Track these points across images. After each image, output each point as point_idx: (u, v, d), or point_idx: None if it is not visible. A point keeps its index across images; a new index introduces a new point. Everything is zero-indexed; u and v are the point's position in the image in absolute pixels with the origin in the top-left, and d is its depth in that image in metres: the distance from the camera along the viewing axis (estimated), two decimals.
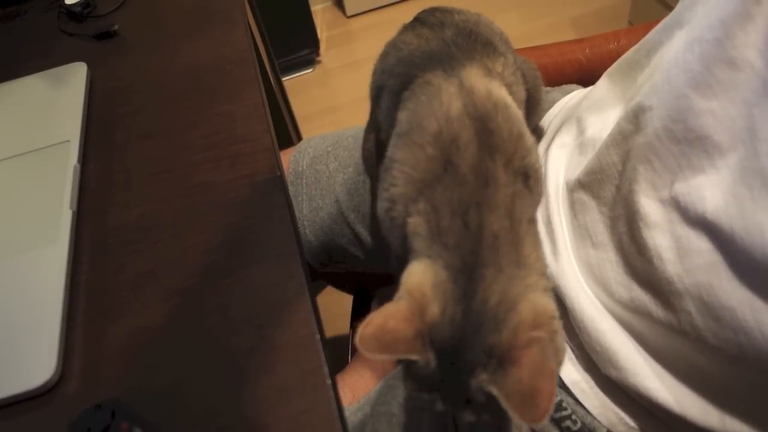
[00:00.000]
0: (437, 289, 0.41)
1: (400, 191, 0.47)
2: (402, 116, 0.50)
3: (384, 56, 0.60)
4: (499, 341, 0.39)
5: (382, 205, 0.50)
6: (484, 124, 0.46)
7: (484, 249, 0.42)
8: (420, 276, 0.42)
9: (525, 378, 0.37)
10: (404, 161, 0.48)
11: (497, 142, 0.46)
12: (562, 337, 0.43)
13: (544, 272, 0.45)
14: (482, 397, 0.40)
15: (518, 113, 0.49)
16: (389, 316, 0.39)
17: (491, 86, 0.49)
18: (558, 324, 0.42)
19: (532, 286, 0.42)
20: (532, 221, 0.46)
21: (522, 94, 0.56)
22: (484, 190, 0.44)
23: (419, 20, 0.59)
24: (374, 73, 0.62)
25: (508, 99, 0.50)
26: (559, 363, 0.44)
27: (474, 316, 0.40)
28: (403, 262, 0.45)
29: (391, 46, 0.59)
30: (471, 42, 0.53)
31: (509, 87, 0.52)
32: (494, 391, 0.39)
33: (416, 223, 0.45)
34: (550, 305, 0.42)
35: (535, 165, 0.48)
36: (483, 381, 0.39)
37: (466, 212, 0.43)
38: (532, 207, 0.46)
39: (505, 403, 0.38)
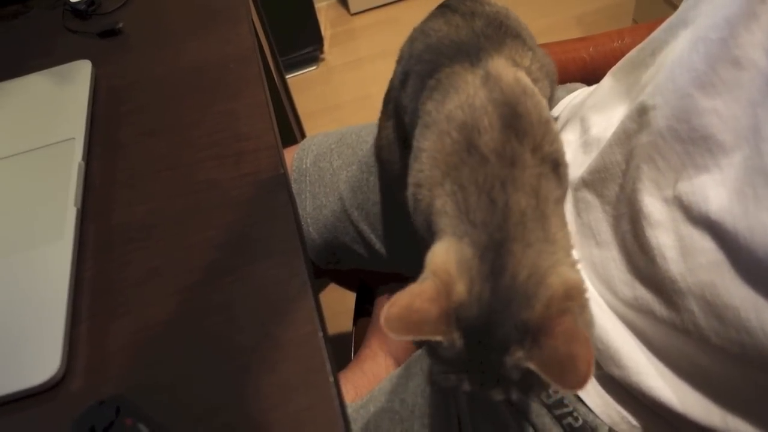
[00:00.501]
0: (463, 267, 0.41)
1: (426, 175, 0.47)
2: (429, 107, 0.50)
3: (412, 41, 0.59)
4: (532, 316, 0.39)
5: (409, 192, 0.50)
6: (512, 108, 0.46)
7: (512, 225, 0.41)
8: (444, 255, 0.42)
9: (561, 347, 0.37)
10: (430, 149, 0.48)
11: (526, 126, 0.45)
12: (590, 310, 0.42)
13: (571, 249, 0.45)
14: (517, 374, 0.39)
15: (544, 102, 0.49)
16: (415, 296, 0.39)
17: (519, 74, 0.50)
18: (587, 297, 0.41)
19: (560, 260, 0.42)
20: (559, 202, 0.45)
21: (547, 90, 0.56)
22: (509, 169, 0.44)
23: (449, 7, 0.59)
24: (400, 59, 0.62)
25: (536, 88, 0.50)
26: (590, 335, 0.44)
27: (503, 292, 0.39)
28: (428, 247, 0.44)
29: (420, 32, 0.59)
30: (501, 34, 0.53)
31: (535, 82, 0.52)
32: (532, 366, 0.38)
33: (443, 203, 0.45)
34: (579, 278, 0.41)
35: (563, 152, 0.48)
36: (519, 358, 0.39)
37: (491, 189, 0.43)
38: (559, 191, 0.46)
39: (544, 375, 0.37)
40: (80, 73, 0.68)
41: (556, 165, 0.46)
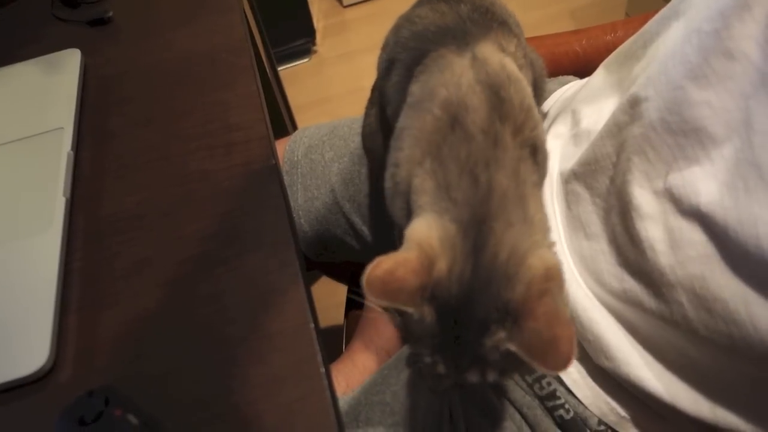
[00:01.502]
0: (445, 244, 0.40)
1: (405, 154, 0.47)
2: (414, 88, 0.50)
3: (397, 29, 0.59)
4: (514, 297, 0.38)
5: (387, 173, 0.50)
6: (495, 92, 0.46)
7: (494, 204, 0.41)
8: (426, 230, 0.41)
9: (543, 328, 0.37)
10: (411, 126, 0.47)
11: (507, 110, 0.45)
12: (566, 291, 0.43)
13: (548, 232, 0.45)
14: (496, 355, 0.39)
15: (529, 89, 0.49)
16: (399, 264, 0.39)
17: (505, 60, 0.49)
18: (564, 279, 0.41)
19: (539, 242, 0.42)
20: (536, 186, 0.45)
21: (530, 77, 0.56)
22: (493, 149, 0.43)
23: None
24: (385, 46, 0.61)
25: (520, 75, 0.49)
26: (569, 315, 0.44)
27: (483, 271, 0.39)
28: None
29: (405, 19, 0.58)
30: (487, 20, 0.53)
31: (520, 68, 0.52)
32: (513, 347, 0.38)
33: (422, 181, 0.45)
34: (557, 261, 0.41)
35: (543, 138, 0.48)
36: (500, 339, 0.39)
37: (474, 167, 0.43)
38: (536, 175, 0.46)
39: (526, 357, 0.37)
40: (69, 62, 0.67)
41: (535, 150, 0.46)
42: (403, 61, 0.54)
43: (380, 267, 0.38)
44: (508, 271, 0.39)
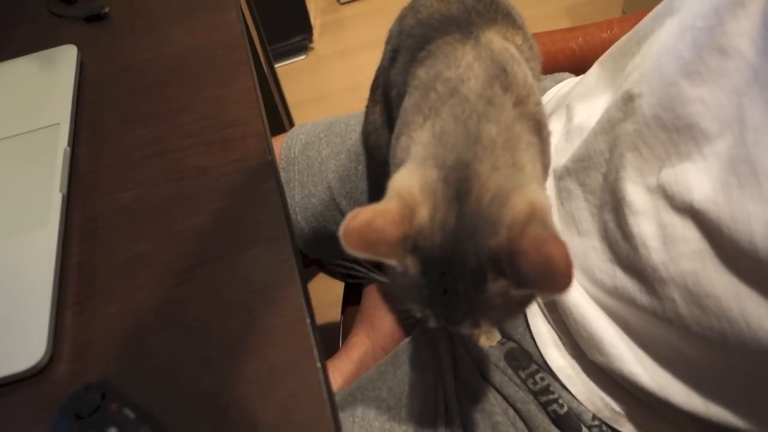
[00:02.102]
0: (426, 191, 0.39)
1: (407, 122, 0.47)
2: (420, 72, 0.50)
3: (402, 18, 0.59)
4: (498, 242, 0.37)
5: (391, 149, 0.49)
6: (500, 66, 0.46)
7: (480, 147, 0.40)
8: (407, 178, 0.40)
9: (534, 258, 0.35)
10: (415, 103, 0.47)
11: (511, 82, 0.45)
12: (553, 227, 0.40)
13: (542, 179, 0.44)
14: (500, 301, 0.38)
15: (531, 74, 0.49)
16: (378, 214, 0.37)
17: (508, 45, 0.49)
18: (552, 219, 0.40)
19: (527, 182, 0.40)
20: (532, 145, 0.44)
21: (538, 71, 0.56)
22: (487, 107, 0.43)
23: None
24: (389, 39, 0.61)
25: (523, 60, 0.49)
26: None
27: (468, 218, 0.38)
28: None
29: (410, 9, 0.58)
30: (492, 11, 0.53)
31: (526, 62, 0.51)
32: (518, 292, 0.37)
33: (418, 136, 0.44)
34: (544, 199, 0.40)
35: (546, 117, 0.47)
36: (503, 286, 0.38)
37: (468, 119, 0.42)
38: (535, 139, 0.45)
39: (532, 289, 0.37)
40: (65, 58, 0.67)
41: (539, 125, 0.46)
42: (408, 47, 0.54)
43: (357, 218, 0.37)
44: (491, 215, 0.38)
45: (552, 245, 0.35)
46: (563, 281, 0.34)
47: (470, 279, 0.38)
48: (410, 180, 0.40)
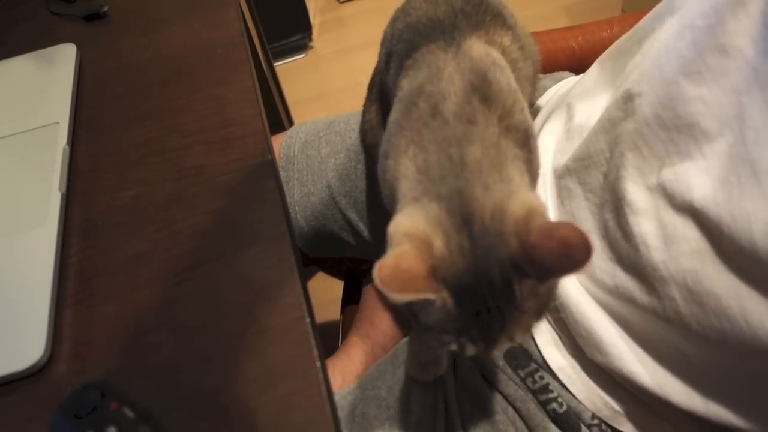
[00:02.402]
0: (433, 224, 0.40)
1: (392, 145, 0.47)
2: (404, 82, 0.50)
3: (394, 21, 0.59)
4: (512, 250, 0.38)
5: (378, 166, 0.50)
6: (481, 75, 0.46)
7: (470, 172, 0.41)
8: (409, 219, 0.41)
9: (549, 245, 0.36)
10: (398, 119, 0.48)
11: (495, 93, 0.45)
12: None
13: (530, 188, 0.44)
14: (529, 304, 0.39)
15: (513, 77, 0.49)
16: (399, 257, 0.38)
17: (490, 49, 0.49)
18: (546, 210, 0.41)
19: (517, 190, 0.41)
20: (517, 158, 0.45)
21: (529, 70, 0.56)
22: (467, 127, 0.43)
23: None
24: (384, 40, 0.61)
25: (506, 64, 0.49)
26: None
27: (480, 240, 0.39)
28: None
29: (401, 11, 0.58)
30: (480, 12, 0.53)
31: (514, 63, 0.51)
32: (542, 289, 0.38)
33: (405, 168, 0.45)
34: (537, 199, 0.41)
35: (532, 124, 0.48)
36: (532, 285, 0.38)
37: (449, 147, 0.43)
38: (520, 153, 0.45)
39: (558, 274, 0.37)
40: (64, 57, 0.67)
41: (526, 136, 0.46)
42: (398, 52, 0.54)
43: (385, 266, 0.38)
44: (497, 229, 0.39)
45: (561, 228, 0.36)
46: (583, 253, 0.35)
47: (499, 293, 0.38)
48: (413, 219, 0.41)
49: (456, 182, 0.41)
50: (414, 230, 0.40)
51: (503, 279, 0.38)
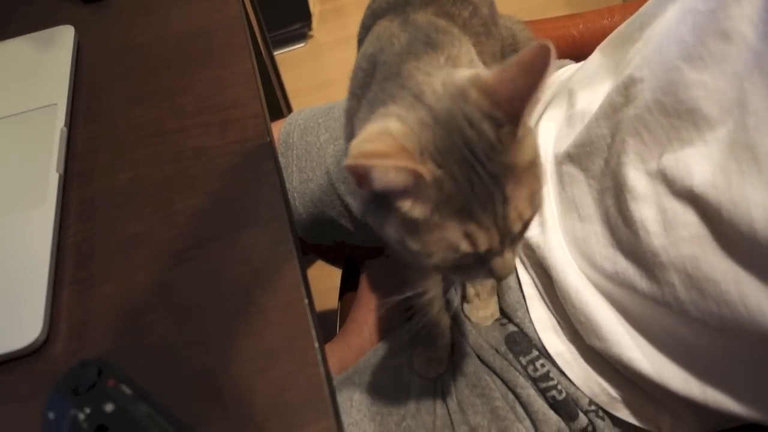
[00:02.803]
0: (383, 117, 0.38)
1: (347, 107, 0.48)
2: (357, 58, 0.50)
3: (366, 10, 0.58)
4: (474, 99, 0.36)
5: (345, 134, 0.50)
6: (424, 34, 0.44)
7: (408, 74, 0.40)
8: (362, 131, 0.38)
9: (509, 76, 0.35)
10: (349, 87, 0.48)
11: (439, 41, 0.43)
12: None
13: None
14: (519, 162, 0.37)
15: (465, 44, 0.46)
16: (365, 141, 0.36)
17: (438, 19, 0.47)
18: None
19: (463, 64, 0.41)
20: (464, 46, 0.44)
21: (495, 47, 0.54)
22: (411, 60, 0.41)
23: None
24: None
25: (455, 31, 0.47)
26: None
27: (438, 104, 0.37)
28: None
29: (370, 1, 0.58)
30: None
31: (476, 36, 0.49)
32: (526, 141, 0.37)
33: (357, 118, 0.44)
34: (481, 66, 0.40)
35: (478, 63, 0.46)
36: (507, 132, 0.36)
37: (390, 77, 0.41)
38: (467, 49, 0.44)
39: (526, 100, 0.35)
40: (62, 39, 0.66)
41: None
42: (360, 41, 0.54)
43: (355, 149, 0.35)
44: (451, 91, 0.37)
45: (515, 57, 0.35)
46: (543, 57, 0.34)
47: (480, 149, 0.36)
48: (366, 129, 0.38)
49: (397, 83, 0.40)
50: (370, 130, 0.38)
51: (479, 133, 0.36)
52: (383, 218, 0.39)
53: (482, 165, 0.36)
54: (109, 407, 0.35)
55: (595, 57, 0.62)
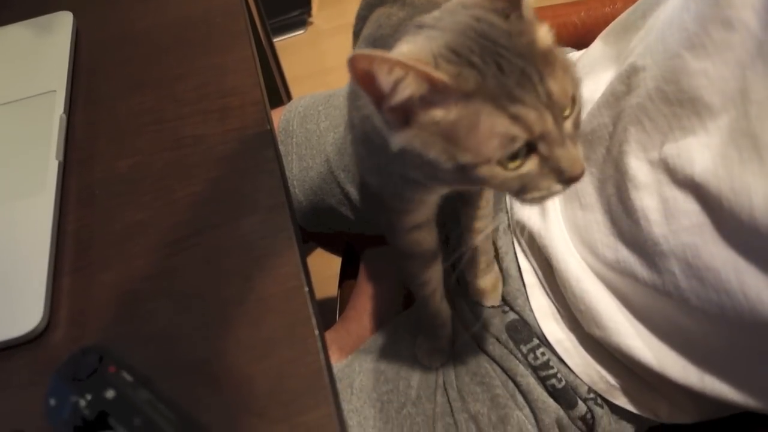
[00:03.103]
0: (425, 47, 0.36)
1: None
2: (358, 43, 0.51)
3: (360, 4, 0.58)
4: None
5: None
6: (424, 9, 0.43)
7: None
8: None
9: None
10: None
11: None
12: None
13: None
14: (541, 38, 0.36)
15: None
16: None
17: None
18: None
19: None
20: None
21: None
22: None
23: None
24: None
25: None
26: None
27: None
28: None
29: None
30: None
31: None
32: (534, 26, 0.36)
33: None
34: None
35: None
36: (515, 19, 0.36)
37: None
38: None
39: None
40: (61, 25, 0.66)
41: None
42: (356, 33, 0.54)
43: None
44: None
45: None
46: None
47: (501, 37, 0.35)
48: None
49: (394, 38, 0.39)
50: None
51: (489, 24, 0.35)
52: (418, 160, 0.37)
53: (505, 48, 0.35)
54: (110, 393, 0.35)
55: (597, 45, 0.62)
